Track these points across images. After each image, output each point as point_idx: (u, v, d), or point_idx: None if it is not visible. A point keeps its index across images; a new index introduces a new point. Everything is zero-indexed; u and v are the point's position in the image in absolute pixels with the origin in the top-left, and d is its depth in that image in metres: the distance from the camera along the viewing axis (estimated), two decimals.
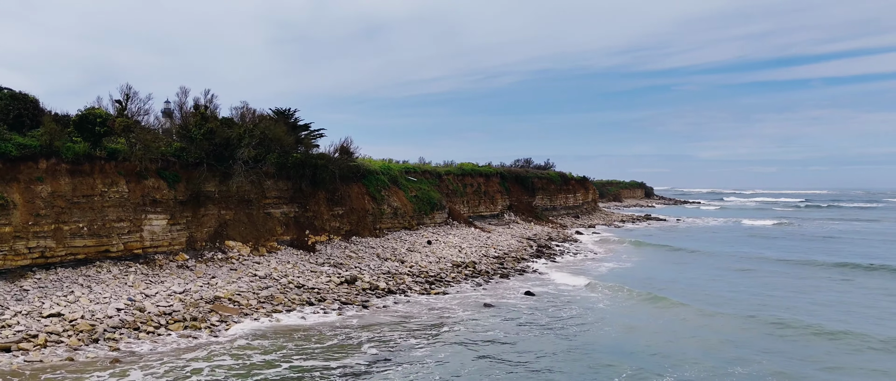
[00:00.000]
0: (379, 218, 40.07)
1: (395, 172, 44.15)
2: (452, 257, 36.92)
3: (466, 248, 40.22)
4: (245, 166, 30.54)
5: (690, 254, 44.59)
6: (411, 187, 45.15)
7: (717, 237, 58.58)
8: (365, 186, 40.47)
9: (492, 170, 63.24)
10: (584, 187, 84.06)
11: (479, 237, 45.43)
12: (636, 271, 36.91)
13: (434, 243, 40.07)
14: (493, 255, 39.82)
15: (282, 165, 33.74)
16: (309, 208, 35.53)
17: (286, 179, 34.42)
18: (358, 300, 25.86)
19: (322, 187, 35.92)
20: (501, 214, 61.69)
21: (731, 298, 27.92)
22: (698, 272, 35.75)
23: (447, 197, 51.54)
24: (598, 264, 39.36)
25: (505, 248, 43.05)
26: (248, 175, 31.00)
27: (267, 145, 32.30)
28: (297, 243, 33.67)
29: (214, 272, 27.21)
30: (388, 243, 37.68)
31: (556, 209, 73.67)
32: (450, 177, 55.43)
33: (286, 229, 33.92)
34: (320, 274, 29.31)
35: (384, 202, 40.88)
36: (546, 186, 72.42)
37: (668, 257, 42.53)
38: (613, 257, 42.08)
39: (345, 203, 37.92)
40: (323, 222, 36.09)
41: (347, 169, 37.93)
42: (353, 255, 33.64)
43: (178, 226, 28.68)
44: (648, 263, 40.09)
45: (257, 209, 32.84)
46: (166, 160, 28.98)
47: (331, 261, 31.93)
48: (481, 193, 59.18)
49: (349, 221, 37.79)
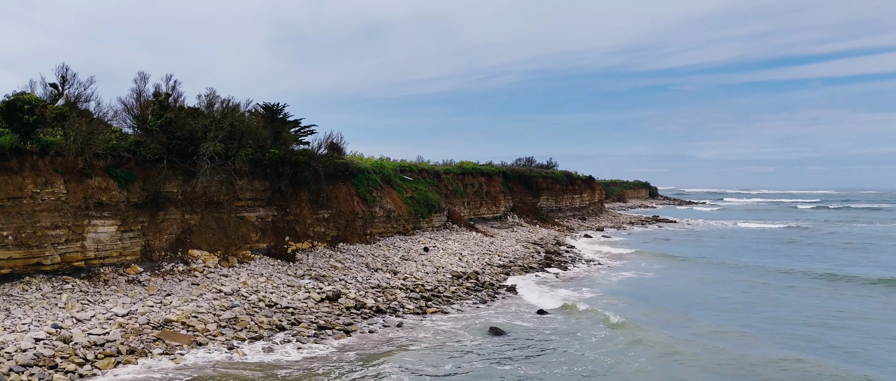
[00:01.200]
0: (370, 222, 35.90)
1: (389, 171, 39.99)
2: (452, 266, 32.75)
3: (468, 255, 36.05)
4: (212, 163, 26.34)
5: (718, 267, 40.34)
6: (407, 188, 41.00)
7: (738, 244, 54.03)
8: (354, 187, 36.30)
9: (494, 169, 59.08)
10: (590, 188, 79.92)
11: (481, 243, 41.26)
12: (660, 284, 32.76)
13: (432, 249, 35.89)
14: (497, 263, 35.66)
15: (257, 162, 29.55)
16: (289, 212, 31.35)
17: (263, 178, 30.24)
18: (340, 323, 21.66)
19: (304, 188, 31.72)
20: (504, 216, 57.53)
21: (802, 332, 22.53)
22: (730, 290, 31.15)
23: (446, 198, 47.38)
24: (615, 274, 35.19)
25: (510, 255, 38.89)
26: (216, 174, 26.81)
27: (239, 139, 28.10)
28: (274, 251, 29.48)
29: (171, 288, 23.02)
30: (380, 250, 33.48)
31: (561, 211, 69.53)
32: (449, 176, 51.26)
33: (262, 235, 29.72)
34: (298, 289, 25.13)
35: (376, 204, 36.71)
36: (551, 186, 68.29)
37: (692, 269, 38.02)
38: (632, 266, 37.92)
39: (331, 205, 33.73)
40: (305, 226, 31.91)
41: (334, 167, 33.75)
42: (339, 265, 29.44)
43: (131, 233, 24.47)
44: (671, 274, 35.89)
45: (228, 213, 28.66)
46: (118, 156, 24.80)
47: (312, 273, 27.73)
48: (483, 193, 55.02)
49: (335, 225, 33.61)
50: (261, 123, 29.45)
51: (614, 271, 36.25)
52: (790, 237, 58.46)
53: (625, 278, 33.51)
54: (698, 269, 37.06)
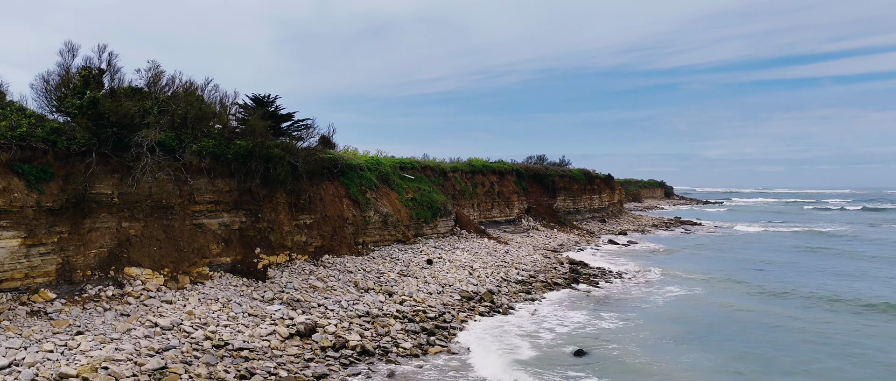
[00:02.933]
0: (362, 229, 30.08)
1: (387, 169, 34.17)
2: (461, 283, 26.90)
3: (480, 269, 30.17)
4: (152, 157, 20.58)
5: (781, 285, 34.14)
6: (407, 188, 35.16)
7: (791, 257, 47.04)
8: (344, 187, 30.49)
9: (507, 167, 53.16)
10: (609, 187, 73.81)
11: (494, 252, 35.37)
12: (717, 311, 26.80)
13: (436, 262, 30.03)
14: (515, 278, 29.76)
15: (219, 156, 23.81)
16: (261, 217, 25.59)
17: (227, 176, 24.50)
18: (308, 375, 15.85)
19: (281, 188, 25.95)
20: (518, 219, 51.61)
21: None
22: (826, 329, 23.34)
23: (453, 200, 41.54)
24: (657, 292, 29.21)
25: (529, 267, 32.98)
26: (160, 170, 21.05)
27: (193, 127, 22.36)
28: (240, 266, 23.75)
29: (89, 322, 17.30)
30: (373, 264, 27.66)
31: (579, 213, 63.51)
32: (457, 175, 45.42)
33: (225, 246, 23.98)
34: (262, 319, 19.36)
35: (370, 207, 30.88)
36: (568, 185, 62.29)
37: (744, 290, 31.43)
38: (676, 282, 31.89)
39: (314, 209, 27.95)
40: (282, 235, 26.14)
41: (317, 163, 27.97)
42: (320, 284, 23.64)
43: (43, 248, 18.74)
44: (725, 296, 29.84)
45: (181, 220, 22.92)
46: (30, 147, 19.12)
47: (285, 295, 21.96)
48: (494, 194, 49.14)
49: (320, 233, 27.81)
50: (213, 109, 23.64)
51: (654, 287, 30.25)
52: (841, 247, 49.74)
53: (671, 299, 27.53)
54: (749, 286, 30.87)
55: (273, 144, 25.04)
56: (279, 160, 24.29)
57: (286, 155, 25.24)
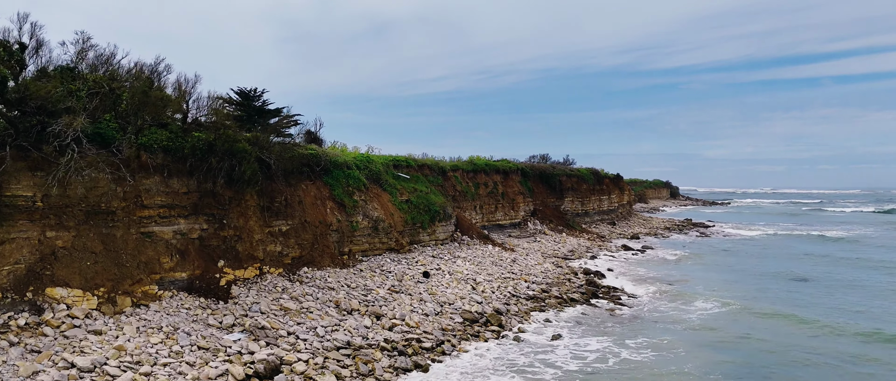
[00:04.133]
0: (348, 236, 26.12)
1: (378, 167, 30.19)
2: (463, 300, 22.95)
3: (484, 281, 26.23)
4: (81, 150, 16.62)
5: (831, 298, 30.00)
6: (402, 189, 31.20)
7: (823, 261, 43.15)
8: (328, 187, 26.53)
9: (511, 165, 49.18)
10: (618, 188, 69.84)
11: (500, 261, 31.40)
12: (764, 336, 22.82)
13: (434, 274, 26.07)
14: (525, 293, 25.80)
15: (173, 151, 19.88)
16: (228, 224, 21.64)
17: (186, 175, 20.55)
18: None
19: (251, 188, 22.00)
20: (524, 222, 47.65)
21: None
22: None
23: (454, 201, 37.59)
24: (692, 312, 25.24)
25: (540, 278, 29.03)
26: (97, 167, 17.10)
27: (136, 115, 18.41)
28: (199, 283, 19.81)
29: None
30: (360, 278, 23.68)
31: (588, 215, 59.55)
32: (457, 174, 41.48)
33: (181, 259, 20.02)
34: (214, 355, 15.42)
35: (358, 211, 26.91)
36: (576, 186, 58.31)
37: (794, 319, 26.33)
38: (707, 295, 27.90)
39: (291, 214, 23.99)
40: (251, 245, 22.19)
41: (294, 160, 24.03)
42: (294, 304, 19.67)
43: None
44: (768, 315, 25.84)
45: (126, 228, 18.96)
46: None
47: (248, 321, 18.00)
48: (498, 195, 45.18)
49: (298, 242, 23.85)
50: (162, 93, 19.69)
51: (684, 302, 26.28)
52: (874, 256, 44.11)
53: (707, 318, 23.57)
54: (794, 306, 26.86)
55: (239, 136, 21.06)
56: (245, 156, 20.30)
57: (255, 150, 21.28)
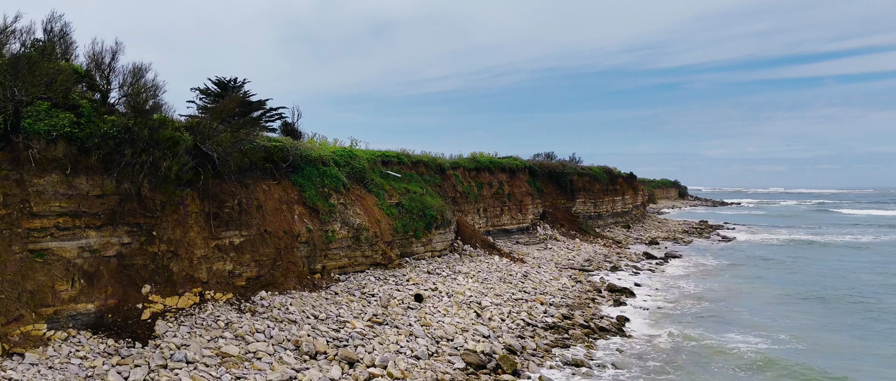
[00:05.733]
0: (322, 249, 20.98)
1: (363, 163, 25.04)
2: (465, 333, 17.84)
3: (491, 305, 21.10)
4: None
5: None
6: (392, 190, 26.08)
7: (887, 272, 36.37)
8: (297, 188, 21.40)
9: (518, 163, 44.04)
10: (632, 188, 64.70)
11: (509, 276, 26.28)
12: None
13: (430, 297, 20.94)
14: (542, 319, 20.67)
15: (79, 139, 14.79)
16: (159, 236, 16.53)
17: (99, 172, 15.43)
18: None
19: (185, 190, 16.89)
20: (533, 226, 42.54)
21: None
22: None
23: (454, 204, 32.49)
24: (758, 349, 20.09)
25: (559, 298, 23.90)
26: None
27: (14, 88, 13.28)
28: (112, 318, 14.76)
29: None
30: (333, 304, 18.53)
31: (601, 217, 54.42)
32: (458, 172, 36.38)
33: (89, 285, 14.93)
34: None
35: (335, 218, 21.76)
36: (588, 186, 53.17)
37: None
38: (765, 322, 22.71)
39: (247, 222, 18.85)
40: (192, 263, 17.08)
41: (253, 154, 18.89)
42: (237, 347, 14.54)
43: None
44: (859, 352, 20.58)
45: (6, 244, 13.87)
46: None
47: (165, 376, 12.88)
48: (504, 196, 40.08)
49: (255, 258, 18.71)
50: (61, 65, 14.57)
51: (739, 330, 21.13)
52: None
53: (777, 351, 18.40)
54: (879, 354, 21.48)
55: (168, 119, 15.92)
56: (170, 144, 15.13)
57: (193, 138, 16.14)
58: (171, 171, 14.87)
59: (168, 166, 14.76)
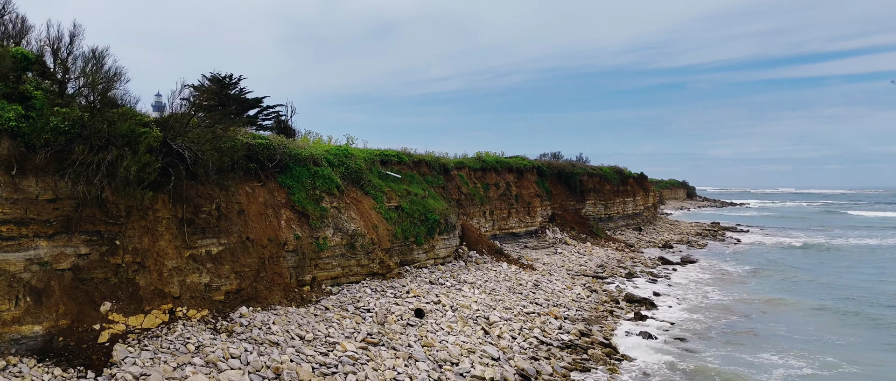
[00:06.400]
0: (312, 258, 18.90)
1: (359, 163, 22.95)
2: (472, 355, 15.75)
3: (500, 320, 18.98)
4: None
5: None
6: (391, 192, 23.99)
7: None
8: (285, 190, 19.33)
9: (526, 163, 41.93)
10: (642, 189, 62.48)
11: (518, 285, 24.15)
12: None
13: (432, 311, 18.84)
14: (557, 337, 18.55)
15: (26, 135, 12.75)
16: (124, 245, 14.49)
17: (52, 172, 13.38)
18: None
19: (159, 192, 14.85)
20: (542, 229, 40.42)
21: None
22: None
23: (459, 207, 30.40)
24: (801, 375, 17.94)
25: (573, 311, 21.76)
26: None
27: None
28: (64, 342, 12.73)
29: None
30: (323, 321, 16.45)
31: (612, 219, 52.23)
32: (463, 173, 34.31)
33: (36, 304, 12.88)
34: None
35: (327, 224, 19.68)
36: (599, 186, 51.00)
37: None
38: (803, 346, 20.56)
39: (227, 229, 16.78)
40: (162, 276, 15.03)
41: (233, 152, 16.81)
42: (207, 377, 12.47)
43: None
44: None
45: None
46: None
47: None
48: (511, 197, 37.97)
49: (236, 270, 16.64)
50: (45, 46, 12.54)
51: (776, 351, 18.98)
52: None
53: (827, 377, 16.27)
54: None
55: (128, 113, 13.87)
56: (131, 143, 13.06)
57: (159, 133, 14.05)
58: (130, 171, 12.77)
59: (126, 166, 12.67)
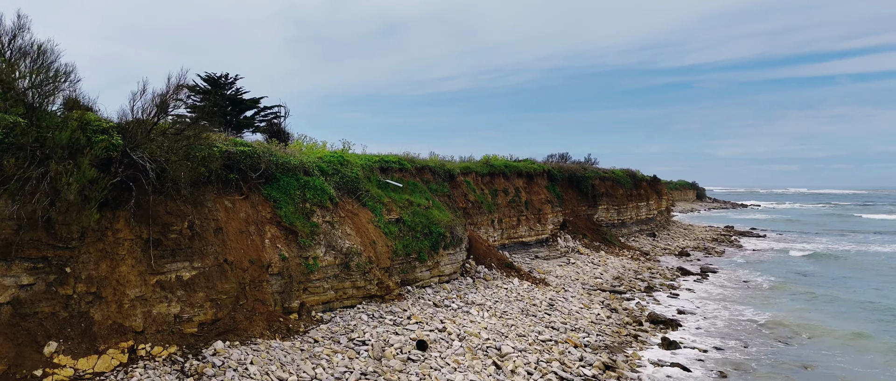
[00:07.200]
0: (300, 282, 16.76)
1: (356, 171, 20.80)
2: None
3: (512, 351, 16.78)
4: None
5: None
6: (391, 202, 21.83)
7: None
8: (270, 205, 17.20)
9: (536, 167, 39.72)
10: (656, 193, 60.11)
11: (532, 307, 21.94)
12: None
13: (435, 341, 16.66)
14: (579, 372, 16.33)
15: None
16: (76, 273, 12.39)
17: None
18: None
19: (120, 210, 12.74)
20: (553, 238, 38.19)
21: None
22: None
23: (465, 216, 28.23)
24: None
25: (593, 336, 19.54)
26: None
27: None
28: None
29: None
30: (311, 356, 14.29)
31: (625, 225, 49.94)
32: (469, 178, 32.13)
33: None
34: None
35: (318, 242, 17.52)
36: (611, 190, 48.70)
37: None
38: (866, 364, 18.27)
39: (201, 250, 14.64)
40: (122, 308, 12.92)
41: (212, 161, 14.66)
42: None
43: None
44: None
45: None
46: None
47: None
48: (521, 204, 35.78)
49: (211, 297, 14.51)
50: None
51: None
52: None
53: None
54: None
55: (72, 119, 11.73)
56: (72, 154, 10.92)
57: (119, 140, 11.92)
58: (71, 189, 10.65)
59: (66, 183, 10.55)
